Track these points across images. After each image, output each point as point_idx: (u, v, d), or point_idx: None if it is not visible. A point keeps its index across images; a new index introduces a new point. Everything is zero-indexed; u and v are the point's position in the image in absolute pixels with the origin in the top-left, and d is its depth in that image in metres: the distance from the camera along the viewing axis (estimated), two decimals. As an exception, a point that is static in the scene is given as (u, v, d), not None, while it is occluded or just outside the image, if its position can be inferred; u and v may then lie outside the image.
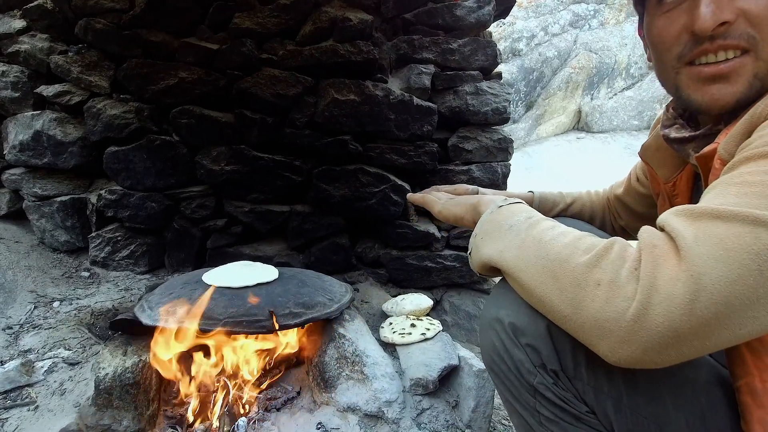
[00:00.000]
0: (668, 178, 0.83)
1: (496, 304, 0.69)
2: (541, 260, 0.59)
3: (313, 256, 1.99)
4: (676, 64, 0.66)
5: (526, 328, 0.64)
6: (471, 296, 2.15)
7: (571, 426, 0.64)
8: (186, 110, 1.82)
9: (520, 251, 0.62)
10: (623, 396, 0.61)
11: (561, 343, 0.62)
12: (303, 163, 1.91)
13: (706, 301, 0.46)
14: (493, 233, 0.69)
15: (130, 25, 1.77)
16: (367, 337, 1.47)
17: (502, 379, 0.68)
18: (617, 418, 0.62)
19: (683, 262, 0.48)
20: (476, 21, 1.98)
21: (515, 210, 0.70)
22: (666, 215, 0.54)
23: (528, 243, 0.62)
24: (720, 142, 0.60)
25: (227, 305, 1.29)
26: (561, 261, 0.56)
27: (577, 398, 0.64)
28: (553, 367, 0.63)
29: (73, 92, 1.86)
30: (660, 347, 0.48)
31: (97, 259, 1.93)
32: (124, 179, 1.88)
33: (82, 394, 1.21)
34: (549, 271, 0.57)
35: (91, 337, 1.46)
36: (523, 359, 0.64)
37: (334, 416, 1.35)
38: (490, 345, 0.68)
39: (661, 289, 0.47)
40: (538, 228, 0.63)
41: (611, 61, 10.88)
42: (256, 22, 1.78)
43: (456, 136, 2.01)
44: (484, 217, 0.73)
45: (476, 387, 1.35)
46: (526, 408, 0.67)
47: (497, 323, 0.67)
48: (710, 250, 0.47)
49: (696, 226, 0.49)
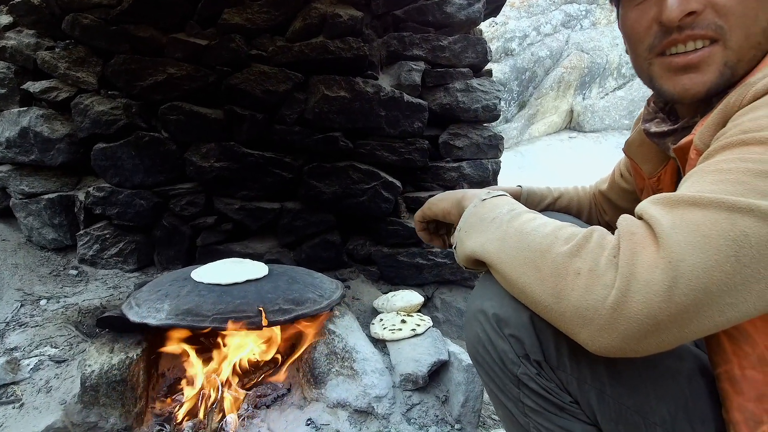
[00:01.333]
0: (652, 173, 0.84)
1: (480, 296, 0.69)
2: (522, 251, 0.59)
3: (304, 254, 1.98)
4: (647, 55, 0.67)
5: (509, 319, 0.64)
6: (462, 293, 2.15)
7: (554, 416, 0.65)
8: (175, 106, 1.81)
9: (501, 243, 0.62)
10: (606, 386, 0.62)
11: (544, 334, 0.62)
12: (293, 159, 1.90)
13: (684, 287, 0.46)
14: (476, 226, 0.69)
15: (117, 21, 1.76)
16: (357, 333, 1.47)
17: (487, 371, 0.68)
18: (600, 408, 0.62)
19: (661, 249, 0.48)
20: (466, 18, 1.99)
21: (498, 203, 0.70)
22: (644, 204, 0.54)
23: (510, 234, 0.62)
24: (696, 132, 0.60)
25: (216, 302, 1.28)
26: (542, 251, 0.56)
27: (560, 388, 0.64)
28: (536, 357, 0.63)
29: (61, 88, 1.84)
30: (639, 335, 0.48)
31: (85, 257, 1.91)
32: (113, 176, 1.87)
33: (68, 391, 1.20)
34: (530, 262, 0.57)
35: (78, 335, 1.45)
36: (507, 350, 0.64)
37: (324, 412, 1.34)
38: (475, 336, 0.68)
39: (640, 277, 0.47)
40: (520, 219, 0.64)
41: (603, 61, 10.95)
42: (246, 18, 1.77)
43: (447, 133, 2.01)
44: (468, 210, 0.73)
45: (466, 382, 1.35)
46: (510, 399, 0.67)
47: (481, 314, 0.67)
48: (687, 237, 0.47)
49: (673, 214, 0.50)
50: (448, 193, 0.87)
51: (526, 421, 0.67)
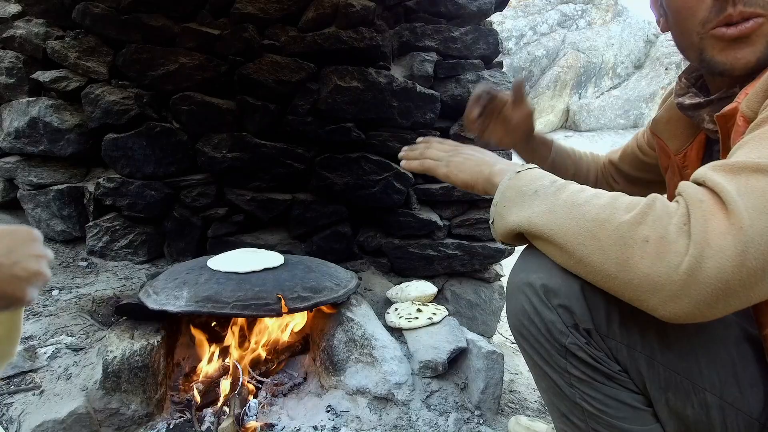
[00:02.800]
0: (678, 150, 0.85)
1: (525, 269, 0.69)
2: (577, 222, 0.59)
3: (315, 245, 1.97)
4: (700, 29, 0.68)
5: (558, 290, 0.64)
6: (472, 285, 2.15)
7: (602, 385, 0.65)
8: (187, 97, 1.80)
9: (552, 215, 0.62)
10: (656, 353, 0.62)
11: (594, 303, 0.63)
12: (305, 150, 1.89)
13: (755, 252, 0.47)
14: (516, 200, 0.69)
15: (129, 10, 1.74)
16: (375, 322, 1.47)
17: (532, 343, 0.68)
18: (650, 374, 0.63)
19: (731, 216, 0.48)
20: (477, 9, 1.99)
21: (536, 175, 0.70)
22: (704, 170, 0.54)
23: (559, 206, 0.62)
24: (740, 101, 0.61)
25: (235, 289, 1.27)
26: (601, 221, 0.56)
27: (609, 357, 0.64)
28: (586, 326, 0.63)
29: (71, 78, 1.82)
30: (711, 300, 0.49)
31: (94, 248, 1.89)
32: (123, 167, 1.85)
33: (89, 378, 1.19)
34: (587, 232, 0.57)
35: (93, 323, 1.44)
36: (555, 320, 0.65)
37: (344, 399, 1.34)
38: (520, 308, 0.68)
39: (713, 243, 0.48)
40: (567, 191, 0.64)
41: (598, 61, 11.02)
42: (258, 8, 1.77)
43: (458, 125, 2.02)
44: (504, 183, 0.72)
45: (485, 368, 1.35)
46: (556, 370, 0.67)
47: (528, 287, 0.67)
48: (755, 203, 0.48)
49: (737, 180, 0.50)
50: (469, 163, 0.84)
51: (572, 392, 0.67)
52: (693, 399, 0.62)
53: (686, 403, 0.62)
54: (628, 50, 11.23)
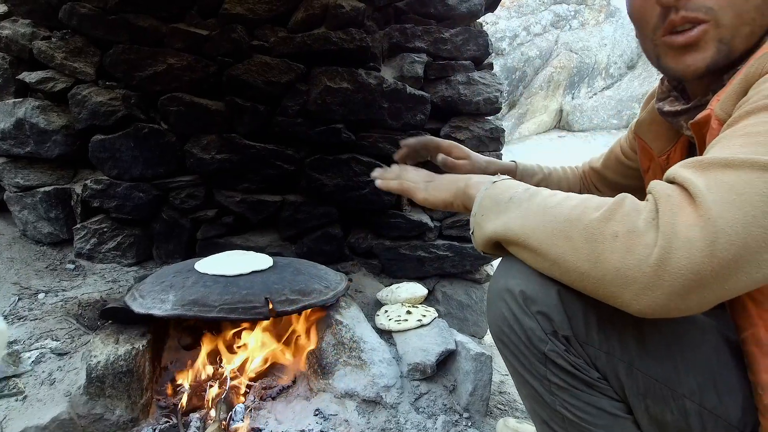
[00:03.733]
0: (662, 152, 0.86)
1: (504, 275, 0.69)
2: (550, 224, 0.59)
3: (306, 247, 1.97)
4: (653, 36, 0.71)
5: (536, 296, 0.64)
6: (463, 286, 2.15)
7: (581, 393, 0.65)
8: (175, 97, 1.78)
9: (525, 220, 0.63)
10: (635, 359, 0.62)
11: (572, 309, 0.63)
12: (295, 152, 1.89)
13: (724, 242, 0.47)
14: (492, 208, 0.69)
15: (116, 10, 1.72)
16: (364, 324, 1.47)
17: (512, 350, 0.68)
18: (629, 381, 0.63)
19: (699, 209, 0.49)
20: (467, 11, 1.99)
21: (511, 184, 0.71)
22: (675, 168, 0.55)
23: (533, 211, 0.63)
24: (713, 107, 0.62)
25: (222, 292, 1.26)
26: (572, 221, 0.57)
27: (588, 364, 0.64)
28: (564, 333, 0.63)
29: (57, 79, 1.80)
30: (683, 291, 0.49)
31: (82, 251, 1.87)
32: (111, 168, 1.83)
33: (72, 383, 1.17)
34: (560, 232, 0.58)
35: (79, 327, 1.42)
36: (534, 327, 0.64)
37: (332, 402, 1.34)
38: (500, 315, 0.68)
39: (681, 235, 0.48)
40: (540, 195, 0.64)
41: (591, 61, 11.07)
42: (247, 8, 1.75)
43: (448, 126, 2.01)
44: (481, 194, 0.73)
45: (474, 371, 1.35)
46: (536, 377, 0.67)
47: (507, 293, 0.67)
48: (723, 196, 0.49)
49: (707, 176, 0.51)
50: (444, 182, 0.85)
51: (553, 399, 0.66)
52: (672, 405, 0.62)
53: (665, 410, 0.62)
54: (621, 51, 11.29)
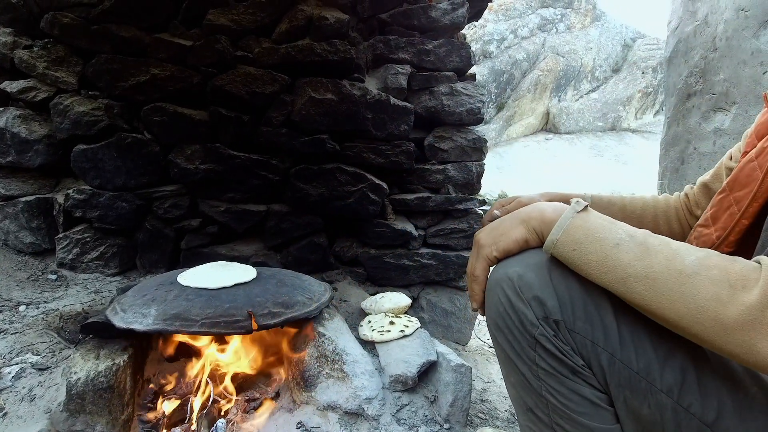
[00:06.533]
0: None
1: (504, 265, 0.72)
2: (692, 299, 0.57)
3: (291, 256, 1.97)
4: None
5: (532, 282, 0.67)
6: (447, 293, 2.18)
7: (566, 379, 0.68)
8: (158, 107, 1.78)
9: (652, 285, 0.60)
10: (617, 350, 0.65)
11: (563, 297, 0.67)
12: (280, 162, 1.89)
13: None
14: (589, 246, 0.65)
15: (99, 20, 1.72)
16: (347, 336, 1.48)
17: (506, 334, 0.71)
18: (610, 371, 0.66)
19: None
20: (450, 23, 2.01)
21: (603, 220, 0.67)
22: None
23: (660, 273, 0.59)
24: None
25: (204, 306, 1.27)
26: (723, 302, 0.55)
27: (574, 351, 0.67)
28: (555, 317, 0.66)
29: (39, 88, 1.79)
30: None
31: (64, 261, 1.86)
32: (93, 178, 1.83)
33: (53, 399, 1.17)
34: (711, 312, 0.56)
35: (60, 341, 1.42)
36: (528, 312, 0.68)
37: (314, 415, 1.35)
38: (497, 302, 0.71)
39: None
40: (660, 253, 0.61)
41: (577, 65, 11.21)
42: (231, 19, 1.76)
43: (432, 136, 2.04)
44: (567, 220, 0.67)
45: (454, 382, 1.37)
46: (525, 362, 0.70)
47: (505, 280, 0.70)
48: None
49: None
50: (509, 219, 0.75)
51: (539, 385, 0.70)
52: (649, 399, 0.64)
53: (643, 403, 0.65)
54: (606, 54, 11.44)
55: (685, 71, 2.54)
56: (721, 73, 2.24)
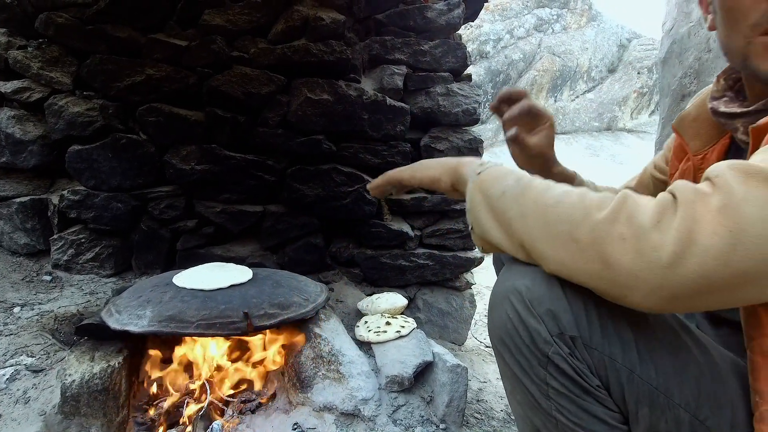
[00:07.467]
0: (699, 150, 0.84)
1: (510, 276, 0.68)
2: (554, 225, 0.59)
3: (287, 257, 1.97)
4: (749, 33, 0.65)
5: (544, 296, 0.63)
6: (444, 294, 2.18)
7: (579, 399, 0.65)
8: (154, 108, 1.78)
9: (525, 222, 0.62)
10: (636, 366, 0.63)
11: (578, 310, 0.63)
12: (276, 162, 1.89)
13: (742, 255, 0.48)
14: (485, 204, 0.68)
15: (94, 20, 1.71)
16: (343, 336, 1.48)
17: (513, 353, 0.67)
18: (629, 387, 0.63)
19: (728, 218, 0.49)
20: (446, 23, 2.01)
21: (499, 173, 0.69)
22: (721, 166, 0.54)
23: (531, 209, 0.62)
24: None
25: (200, 307, 1.26)
26: (577, 222, 0.57)
27: (590, 370, 0.64)
28: (572, 333, 0.63)
29: (33, 89, 1.79)
30: (691, 293, 0.50)
31: (59, 262, 1.85)
32: (88, 179, 1.82)
33: (47, 402, 1.17)
34: (566, 234, 0.58)
35: (55, 343, 1.41)
36: (540, 329, 0.64)
37: (311, 416, 1.35)
38: (504, 317, 0.67)
39: (700, 242, 0.49)
40: (534, 190, 0.63)
41: (573, 65, 11.23)
42: (227, 19, 1.76)
43: (428, 137, 2.04)
44: (470, 187, 0.71)
45: (450, 382, 1.37)
46: (534, 381, 0.66)
47: (514, 294, 0.66)
48: (758, 210, 0.49)
49: (749, 184, 0.50)
50: (432, 161, 0.83)
51: (549, 404, 0.66)
52: (667, 414, 0.63)
53: (660, 419, 0.63)
54: (602, 54, 11.47)
55: (679, 72, 2.56)
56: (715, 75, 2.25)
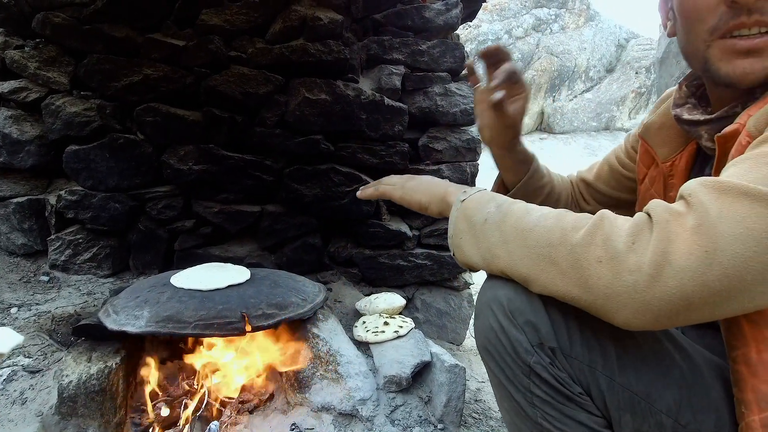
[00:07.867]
0: (667, 158, 0.84)
1: (492, 287, 0.69)
2: (533, 249, 0.60)
3: (285, 257, 1.97)
4: (708, 37, 0.65)
5: (524, 307, 0.65)
6: (442, 293, 2.18)
7: (563, 406, 0.66)
8: (151, 108, 1.77)
9: (507, 248, 0.64)
10: (616, 373, 0.64)
11: (557, 322, 0.64)
12: (274, 162, 1.89)
13: (718, 274, 0.48)
14: (468, 231, 0.70)
15: (91, 20, 1.71)
16: (341, 337, 1.48)
17: (498, 361, 0.69)
18: (610, 395, 0.64)
19: (703, 238, 0.49)
20: (444, 23, 2.01)
21: (482, 200, 0.72)
22: (694, 186, 0.54)
23: (511, 236, 0.63)
24: (743, 122, 0.60)
25: (198, 308, 1.26)
26: (554, 246, 0.58)
27: (572, 378, 0.66)
28: (551, 344, 0.64)
29: (30, 89, 1.78)
30: (671, 314, 0.51)
31: (57, 262, 1.85)
32: (86, 179, 1.82)
33: (44, 402, 1.16)
34: (545, 258, 0.59)
35: (52, 343, 1.41)
36: (521, 339, 0.65)
37: (309, 416, 1.35)
38: (487, 326, 0.69)
39: (675, 263, 0.49)
40: (513, 216, 0.65)
41: (571, 65, 11.25)
42: (224, 19, 1.75)
43: (426, 137, 2.04)
44: (454, 214, 0.74)
45: (448, 382, 1.37)
46: (519, 390, 0.68)
47: (495, 303, 0.67)
48: (731, 228, 0.48)
49: (721, 202, 0.50)
50: (423, 185, 0.87)
51: (534, 412, 0.68)
52: (649, 420, 0.64)
53: (642, 424, 0.64)
54: (600, 54, 11.49)
55: (677, 72, 2.56)
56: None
